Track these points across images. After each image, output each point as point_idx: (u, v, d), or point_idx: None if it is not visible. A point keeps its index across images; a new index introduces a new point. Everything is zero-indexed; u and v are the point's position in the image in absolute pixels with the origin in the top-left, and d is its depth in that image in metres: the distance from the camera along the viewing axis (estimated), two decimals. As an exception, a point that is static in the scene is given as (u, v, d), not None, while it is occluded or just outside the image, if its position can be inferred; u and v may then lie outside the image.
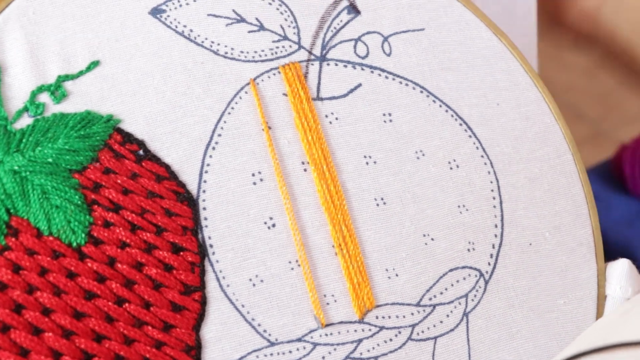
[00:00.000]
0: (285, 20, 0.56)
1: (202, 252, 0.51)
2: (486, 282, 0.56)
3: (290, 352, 0.51)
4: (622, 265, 0.58)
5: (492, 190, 0.57)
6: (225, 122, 0.53)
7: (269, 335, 0.51)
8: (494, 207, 0.57)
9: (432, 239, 0.55)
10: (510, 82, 0.60)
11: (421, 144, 0.57)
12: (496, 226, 0.57)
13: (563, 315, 0.57)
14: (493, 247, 0.57)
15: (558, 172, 0.60)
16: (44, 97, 0.51)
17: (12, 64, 0.51)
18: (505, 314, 0.56)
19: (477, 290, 0.56)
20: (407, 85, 0.58)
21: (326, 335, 0.52)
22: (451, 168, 0.57)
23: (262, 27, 0.56)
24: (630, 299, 0.56)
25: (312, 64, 0.56)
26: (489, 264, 0.56)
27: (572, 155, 0.60)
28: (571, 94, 0.61)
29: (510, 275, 0.57)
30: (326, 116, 0.55)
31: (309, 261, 0.53)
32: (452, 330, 0.55)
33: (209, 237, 0.51)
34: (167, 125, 0.52)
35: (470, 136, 0.58)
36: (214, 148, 0.53)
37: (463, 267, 0.56)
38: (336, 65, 0.57)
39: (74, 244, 0.49)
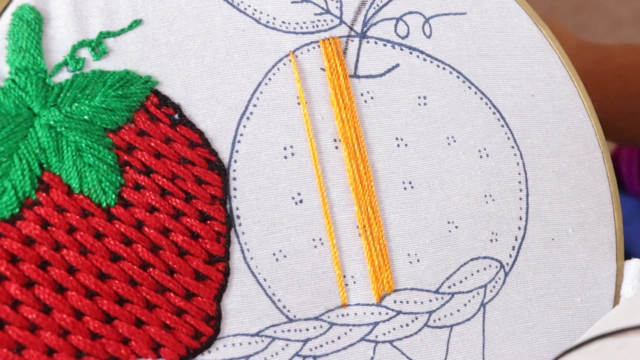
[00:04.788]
0: (329, -7, 0.56)
1: (229, 222, 0.51)
2: (506, 274, 0.56)
3: (307, 329, 0.51)
4: (634, 266, 0.58)
5: (519, 182, 0.57)
6: (261, 92, 0.53)
7: (288, 311, 0.51)
8: (520, 199, 0.57)
9: (456, 227, 0.55)
10: (547, 74, 0.60)
11: (453, 130, 0.56)
12: (520, 218, 0.57)
13: (579, 313, 0.57)
14: (516, 239, 0.57)
15: (586, 168, 0.59)
16: (85, 53, 0.50)
17: (55, 15, 0.50)
18: (522, 308, 0.56)
19: (496, 282, 0.56)
20: (444, 69, 0.57)
21: (343, 316, 0.52)
22: (481, 157, 0.57)
23: None
24: None
25: (352, 40, 0.56)
26: (510, 256, 0.56)
27: (601, 152, 0.60)
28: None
29: (531, 269, 0.57)
30: (362, 94, 0.55)
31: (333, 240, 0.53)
32: (468, 319, 0.55)
33: (237, 208, 0.51)
34: (204, 91, 0.52)
35: (502, 126, 0.58)
36: (248, 118, 0.52)
37: (484, 258, 0.56)
38: (376, 43, 0.56)
39: (104, 204, 0.49)
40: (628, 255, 0.60)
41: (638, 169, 0.79)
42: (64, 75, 0.50)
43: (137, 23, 0.52)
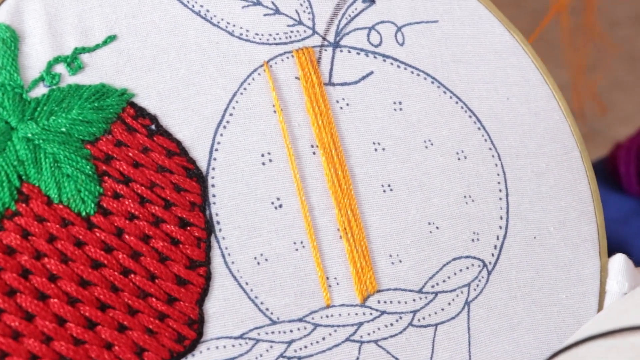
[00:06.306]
0: (301, 5, 0.57)
1: (208, 228, 0.51)
2: (489, 273, 0.56)
3: (291, 331, 0.52)
4: (618, 261, 0.59)
5: (498, 183, 0.58)
6: (237, 102, 0.54)
7: (271, 313, 0.52)
8: (500, 199, 0.58)
9: (437, 228, 0.56)
10: (521, 78, 0.61)
11: (430, 134, 0.57)
12: (501, 218, 0.57)
13: (565, 309, 0.58)
14: (497, 238, 0.57)
15: (565, 168, 0.60)
16: (60, 68, 0.52)
17: (30, 34, 0.52)
18: (507, 305, 0.56)
19: (479, 280, 0.56)
20: (418, 75, 0.58)
21: (327, 317, 0.53)
22: (459, 159, 0.57)
23: (277, 11, 0.56)
24: (630, 293, 0.56)
25: (326, 50, 0.57)
26: (493, 254, 0.57)
27: (579, 152, 0.61)
28: (566, 93, 0.62)
29: (514, 267, 0.57)
30: (337, 101, 0.56)
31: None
32: (453, 318, 0.55)
33: (217, 214, 0.52)
34: (180, 102, 0.53)
35: (479, 128, 0.58)
36: (225, 127, 0.53)
37: (467, 257, 0.56)
38: (349, 52, 0.57)
39: (83, 213, 0.49)
40: (626, 254, 0.60)
41: (636, 168, 0.79)
42: (41, 90, 0.51)
43: (111, 38, 0.53)
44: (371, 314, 0.53)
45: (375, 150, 0.56)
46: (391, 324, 0.54)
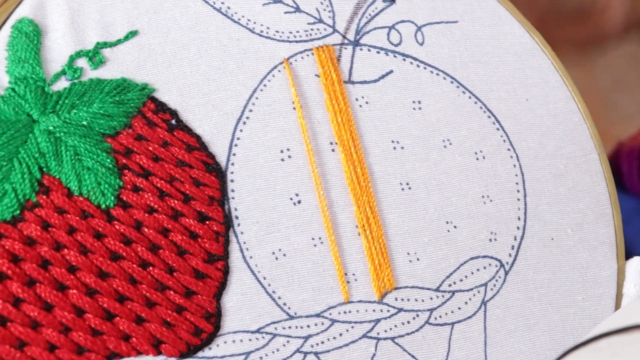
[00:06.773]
0: (322, 3, 0.57)
1: (227, 222, 0.52)
2: (506, 273, 0.56)
3: (308, 326, 0.52)
4: (636, 264, 0.58)
5: (516, 184, 0.58)
6: (257, 98, 0.54)
7: (289, 308, 0.52)
8: (518, 199, 0.58)
9: (455, 227, 0.56)
10: (540, 79, 0.61)
11: (449, 133, 0.57)
12: (519, 219, 0.57)
13: (581, 312, 0.57)
14: (515, 238, 0.57)
15: (583, 170, 0.60)
16: (82, 62, 0.52)
17: (53, 28, 0.52)
18: (523, 306, 0.56)
19: (496, 280, 0.56)
20: (437, 75, 0.58)
21: (345, 312, 0.53)
22: (477, 159, 0.57)
23: (298, 9, 0.57)
24: None
25: (346, 48, 0.57)
26: (510, 255, 0.57)
27: (598, 154, 0.61)
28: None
29: (531, 268, 0.57)
30: (356, 99, 0.56)
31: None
32: (469, 317, 0.55)
33: (235, 209, 0.52)
34: (200, 97, 0.53)
35: (497, 129, 0.59)
36: (244, 123, 0.54)
37: (484, 257, 0.56)
38: (369, 50, 0.57)
39: (103, 206, 0.50)
40: (629, 254, 0.60)
41: (638, 168, 0.79)
42: (63, 84, 0.51)
43: (133, 34, 0.53)
44: (388, 311, 0.54)
45: (394, 148, 0.56)
46: (408, 322, 0.54)
